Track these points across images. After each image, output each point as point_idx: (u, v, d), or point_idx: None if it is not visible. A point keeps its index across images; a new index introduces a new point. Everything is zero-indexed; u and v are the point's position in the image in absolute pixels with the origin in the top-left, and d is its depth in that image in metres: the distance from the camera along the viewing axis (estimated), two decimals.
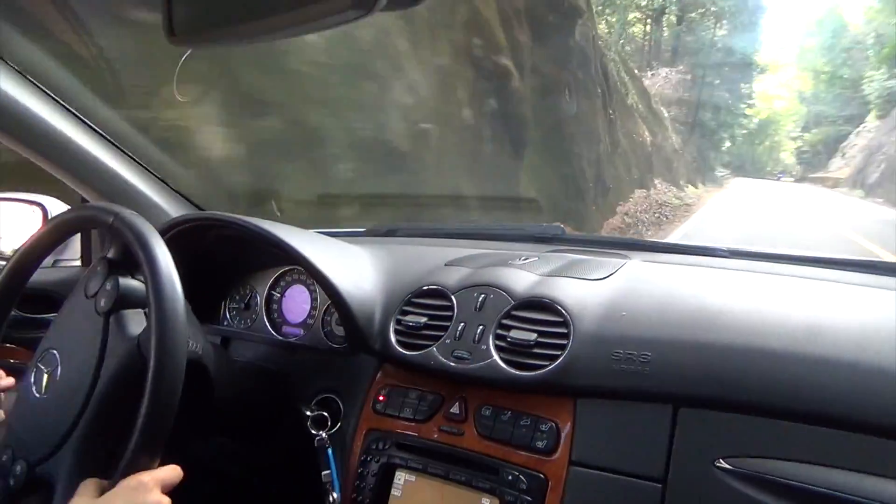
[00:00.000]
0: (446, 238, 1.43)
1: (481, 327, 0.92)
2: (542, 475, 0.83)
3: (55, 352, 0.83)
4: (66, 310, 0.90)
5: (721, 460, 0.74)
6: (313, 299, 1.20)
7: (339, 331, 1.14)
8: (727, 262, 1.09)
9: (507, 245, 1.35)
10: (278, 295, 1.24)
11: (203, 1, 0.63)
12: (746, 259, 1.11)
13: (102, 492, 0.71)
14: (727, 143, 29.32)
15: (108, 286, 0.87)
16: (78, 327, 0.86)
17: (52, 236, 0.90)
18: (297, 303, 1.22)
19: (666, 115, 20.16)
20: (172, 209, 1.40)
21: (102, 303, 0.85)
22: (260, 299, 1.25)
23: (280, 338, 1.20)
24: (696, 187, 19.21)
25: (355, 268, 1.09)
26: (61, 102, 1.23)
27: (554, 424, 0.84)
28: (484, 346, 0.90)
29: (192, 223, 1.07)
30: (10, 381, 0.92)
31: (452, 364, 0.91)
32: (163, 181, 1.41)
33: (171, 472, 0.74)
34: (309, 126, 3.73)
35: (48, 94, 1.20)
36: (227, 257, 1.20)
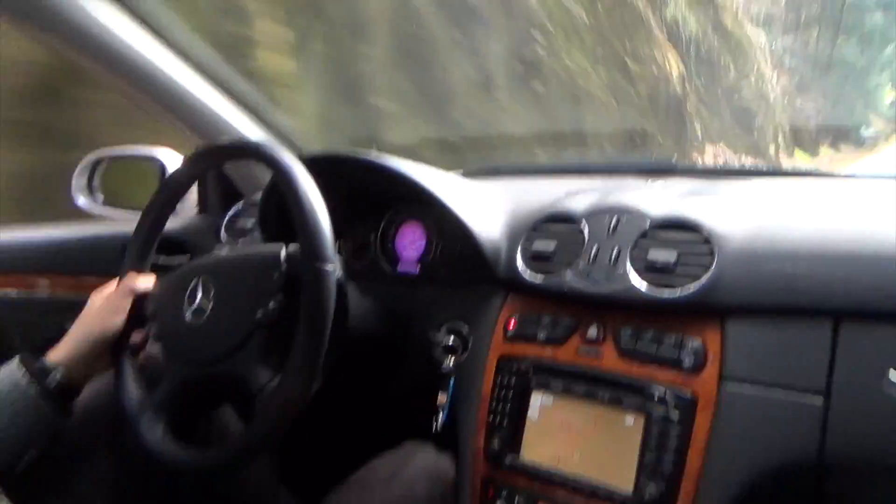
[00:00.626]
0: (553, 174, 1.42)
1: (616, 249, 0.91)
2: (690, 392, 0.82)
3: (206, 278, 0.87)
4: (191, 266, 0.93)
5: (893, 372, 0.71)
6: (429, 235, 1.21)
7: (460, 265, 1.15)
8: (867, 182, 1.05)
9: (619, 179, 1.32)
10: (393, 233, 1.26)
11: None
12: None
13: None
14: (888, 89, 18.08)
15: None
16: (226, 257, 0.90)
17: (194, 169, 0.93)
18: (412, 240, 1.23)
19: (760, 40, 11.97)
20: None
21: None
22: (375, 237, 1.26)
23: (397, 275, 1.22)
24: (814, 153, 12.52)
25: (476, 198, 1.10)
26: (170, 46, 1.26)
27: (700, 343, 0.83)
28: (621, 268, 0.89)
29: (319, 160, 1.09)
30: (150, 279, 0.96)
31: (587, 287, 0.90)
32: (268, 125, 1.44)
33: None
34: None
35: (161, 38, 1.24)
36: (342, 197, 1.22)
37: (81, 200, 1.36)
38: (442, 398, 1.03)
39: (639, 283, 0.87)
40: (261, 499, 1.21)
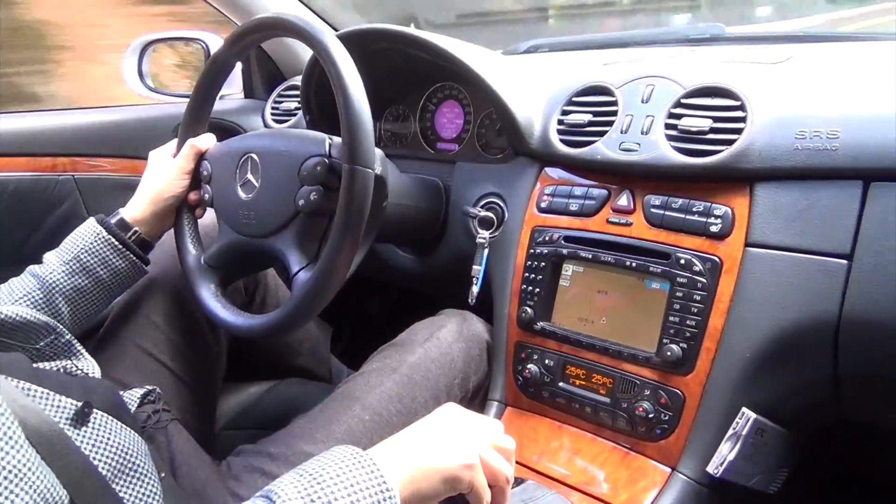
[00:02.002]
0: (593, 49, 1.38)
1: (650, 118, 0.90)
2: (716, 258, 0.84)
3: (255, 156, 0.91)
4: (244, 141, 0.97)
5: None
6: (466, 113, 1.22)
7: (496, 142, 1.17)
8: None
9: (662, 49, 1.28)
10: (431, 112, 1.27)
11: None
12: None
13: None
14: None
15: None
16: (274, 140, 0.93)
17: (235, 47, 0.95)
18: (450, 118, 1.25)
19: None
20: None
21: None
22: (414, 117, 1.28)
23: (436, 153, 1.25)
24: None
25: (511, 74, 1.09)
26: None
27: (729, 209, 0.84)
28: (653, 136, 0.89)
29: (357, 35, 1.10)
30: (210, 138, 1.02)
31: (620, 156, 0.91)
32: (307, 3, 1.44)
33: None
34: None
35: None
36: (380, 77, 1.23)
37: (132, 83, 1.41)
38: (475, 270, 1.07)
39: (670, 150, 0.87)
40: (312, 363, 1.31)
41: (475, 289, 1.06)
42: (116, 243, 0.93)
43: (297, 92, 1.33)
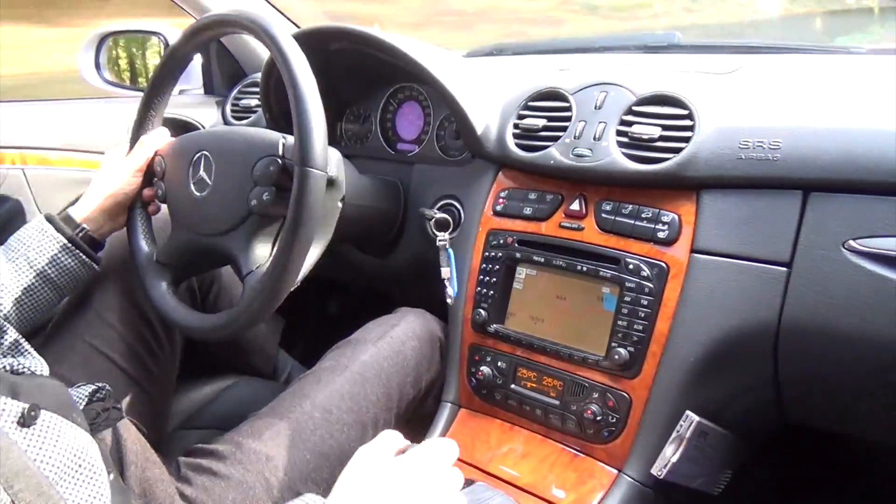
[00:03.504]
0: (555, 53, 1.40)
1: (602, 124, 0.92)
2: (663, 263, 0.85)
3: (208, 154, 0.90)
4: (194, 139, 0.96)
5: (851, 241, 0.74)
6: (426, 115, 1.22)
7: (454, 144, 1.17)
8: (860, 58, 1.03)
9: (619, 55, 1.30)
10: (392, 113, 1.27)
11: None
12: (883, 55, 1.04)
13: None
14: None
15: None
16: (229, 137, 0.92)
17: (193, 40, 0.94)
18: (411, 119, 1.25)
19: None
20: None
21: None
22: (374, 118, 1.28)
23: (396, 154, 1.25)
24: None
25: (470, 77, 1.10)
26: None
27: (676, 216, 0.86)
28: (605, 143, 0.90)
29: (316, 34, 1.09)
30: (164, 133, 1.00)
31: (572, 162, 0.92)
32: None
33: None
34: None
35: None
36: (341, 76, 1.23)
37: (89, 76, 1.39)
38: (446, 272, 1.07)
39: (620, 157, 0.89)
40: (262, 361, 1.31)
41: (451, 290, 1.06)
42: (66, 242, 0.92)
43: (258, 89, 1.32)
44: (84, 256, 0.93)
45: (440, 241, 1.07)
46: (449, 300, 1.05)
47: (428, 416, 1.05)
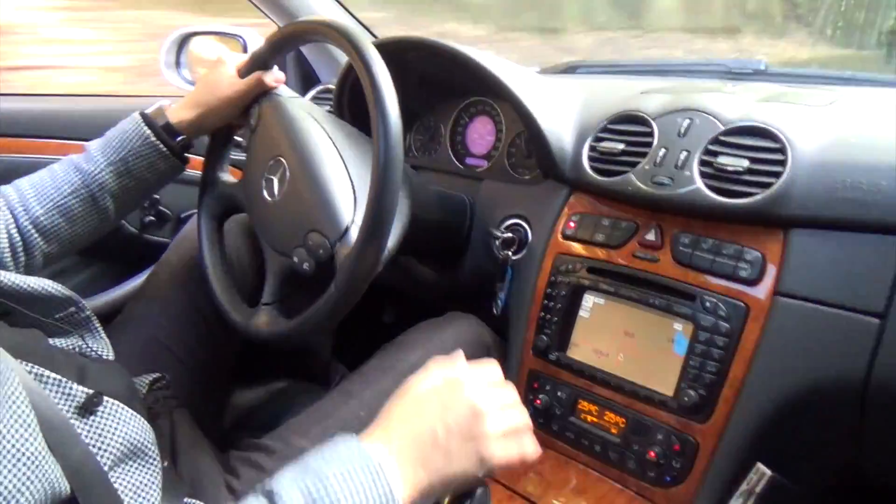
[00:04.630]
0: (633, 74, 1.36)
1: (685, 153, 0.88)
2: (743, 304, 0.81)
3: (286, 167, 0.89)
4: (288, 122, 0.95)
5: None
6: (498, 130, 1.20)
7: (525, 162, 1.15)
8: None
9: (701, 80, 1.25)
10: (462, 126, 1.25)
11: None
12: None
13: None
14: None
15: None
16: (303, 135, 0.92)
17: (275, 46, 0.94)
18: (482, 134, 1.23)
19: None
20: None
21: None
22: (444, 130, 1.27)
23: (464, 168, 1.23)
24: None
25: (546, 94, 1.07)
26: None
27: (760, 254, 0.81)
28: (687, 172, 0.86)
29: (395, 44, 1.09)
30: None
31: (651, 189, 0.88)
32: (344, 8, 1.44)
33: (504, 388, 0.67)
34: None
35: None
36: (413, 87, 1.22)
37: (167, 76, 1.41)
38: (499, 286, 1.05)
39: (704, 188, 0.84)
40: (316, 366, 1.31)
41: (500, 302, 1.04)
42: (164, 150, 0.95)
43: (331, 96, 1.32)
44: (178, 161, 0.97)
45: (503, 259, 1.05)
46: (496, 310, 1.04)
47: None
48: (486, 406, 0.61)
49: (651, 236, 0.89)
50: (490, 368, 0.67)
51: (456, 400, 0.61)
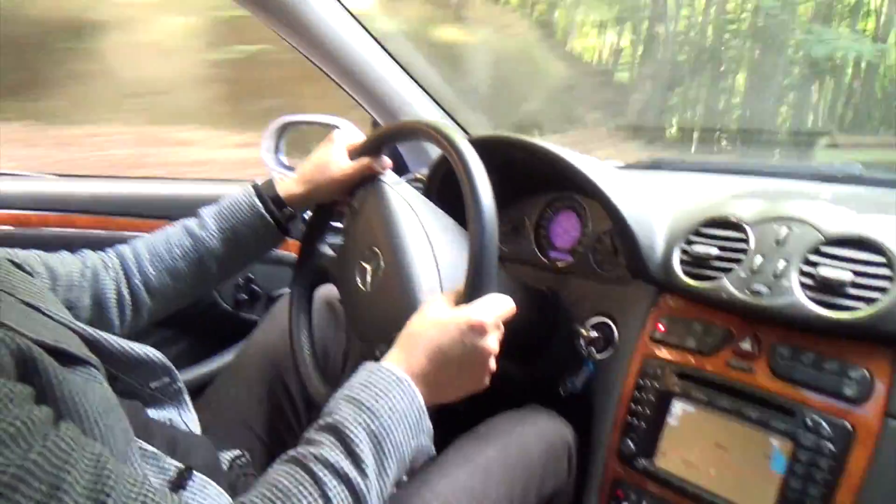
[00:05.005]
0: (720, 173, 1.35)
1: (783, 262, 0.86)
2: (848, 424, 0.76)
3: (376, 249, 0.92)
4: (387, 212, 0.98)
5: None
6: (584, 225, 1.21)
7: (612, 259, 1.14)
8: None
9: (794, 183, 1.24)
10: (547, 220, 1.27)
11: None
12: None
13: (456, 304, 0.78)
14: None
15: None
16: (402, 229, 0.95)
17: (382, 140, 0.99)
18: (567, 229, 1.24)
19: None
20: None
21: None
22: (529, 223, 1.28)
23: (549, 262, 1.23)
24: None
25: (638, 195, 1.07)
26: (365, 30, 1.36)
27: (866, 372, 0.77)
28: (786, 282, 0.84)
29: (486, 141, 1.12)
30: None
31: (747, 298, 0.86)
32: (440, 106, 1.51)
33: (506, 308, 0.80)
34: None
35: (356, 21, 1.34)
36: (504, 177, 1.24)
37: (266, 160, 1.50)
38: (577, 381, 1.04)
39: (804, 299, 0.82)
40: None
41: (570, 383, 1.04)
42: (270, 220, 0.99)
43: (420, 185, 1.37)
44: (282, 234, 1.02)
45: (587, 360, 1.03)
46: (564, 392, 1.05)
47: None
48: (494, 349, 0.78)
49: (747, 345, 0.87)
50: (503, 306, 0.80)
51: (471, 343, 0.75)
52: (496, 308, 0.78)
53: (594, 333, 1.04)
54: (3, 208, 1.18)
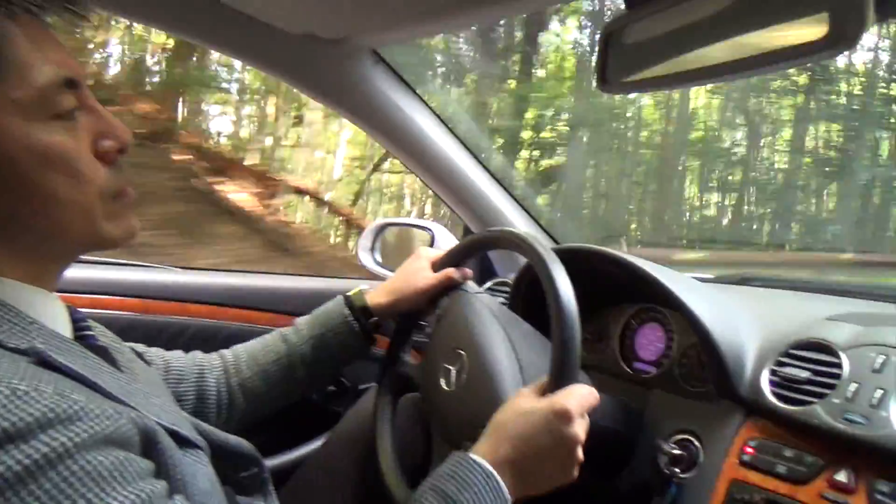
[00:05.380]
0: (812, 291, 1.32)
1: (880, 391, 0.83)
2: None
3: (460, 351, 0.96)
4: (471, 316, 1.03)
5: None
6: (669, 339, 1.21)
7: (698, 374, 1.13)
8: None
9: (887, 306, 1.20)
10: (632, 331, 1.27)
11: (639, 51, 0.69)
12: None
13: (541, 395, 0.80)
14: None
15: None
16: (484, 331, 0.98)
17: (468, 251, 1.05)
18: (651, 340, 1.24)
19: None
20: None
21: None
22: (613, 333, 1.29)
23: (632, 373, 1.23)
24: None
25: (725, 310, 1.07)
26: (458, 139, 1.45)
27: None
28: (884, 413, 0.81)
29: (572, 252, 1.16)
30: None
31: (842, 427, 0.84)
32: (529, 214, 1.57)
33: (590, 397, 0.81)
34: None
35: (449, 132, 1.44)
36: (586, 289, 1.27)
37: (363, 259, 1.59)
38: (661, 493, 1.01)
39: None
40: None
41: None
42: (357, 329, 1.05)
43: (507, 289, 1.41)
44: (368, 343, 1.08)
45: (669, 476, 1.01)
46: None
47: None
48: (580, 437, 0.79)
49: (842, 478, 0.83)
50: (588, 395, 0.81)
51: (558, 433, 0.77)
52: (581, 396, 0.79)
53: (678, 451, 1.02)
54: (129, 296, 1.31)
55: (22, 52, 0.60)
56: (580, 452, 0.79)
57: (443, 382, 0.97)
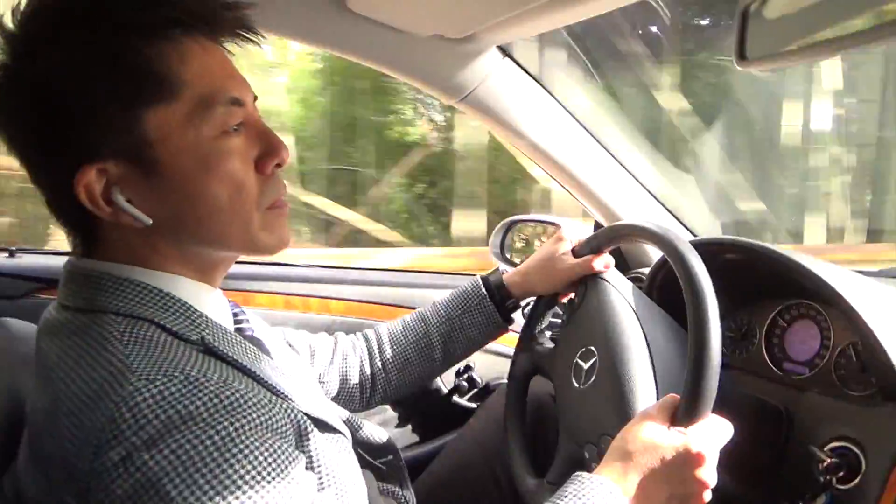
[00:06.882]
0: None
1: None
2: None
3: (593, 349, 0.94)
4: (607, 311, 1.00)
5: None
6: (824, 337, 1.10)
7: (859, 377, 1.02)
8: None
9: None
10: (781, 329, 1.18)
11: (779, 24, 0.64)
12: None
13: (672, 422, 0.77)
14: None
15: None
16: (620, 330, 0.95)
17: (608, 239, 1.03)
18: (803, 339, 1.14)
19: None
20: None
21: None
22: (759, 331, 1.20)
23: (782, 374, 1.14)
24: None
25: (885, 304, 0.97)
26: (589, 133, 1.42)
27: None
28: None
29: (711, 244, 1.10)
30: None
31: None
32: (664, 206, 1.50)
33: (726, 434, 0.78)
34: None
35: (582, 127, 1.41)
36: (728, 284, 1.19)
37: (495, 255, 1.59)
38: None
39: None
40: None
41: None
42: (493, 310, 1.07)
43: (640, 284, 1.36)
44: (503, 322, 1.09)
45: (827, 489, 0.92)
46: None
47: None
48: (711, 482, 0.75)
49: None
50: (723, 433, 0.78)
51: (688, 474, 0.74)
52: (716, 436, 0.76)
53: (834, 459, 0.93)
54: (275, 293, 1.40)
55: (196, 71, 0.66)
56: (708, 495, 0.76)
57: (573, 379, 0.95)
